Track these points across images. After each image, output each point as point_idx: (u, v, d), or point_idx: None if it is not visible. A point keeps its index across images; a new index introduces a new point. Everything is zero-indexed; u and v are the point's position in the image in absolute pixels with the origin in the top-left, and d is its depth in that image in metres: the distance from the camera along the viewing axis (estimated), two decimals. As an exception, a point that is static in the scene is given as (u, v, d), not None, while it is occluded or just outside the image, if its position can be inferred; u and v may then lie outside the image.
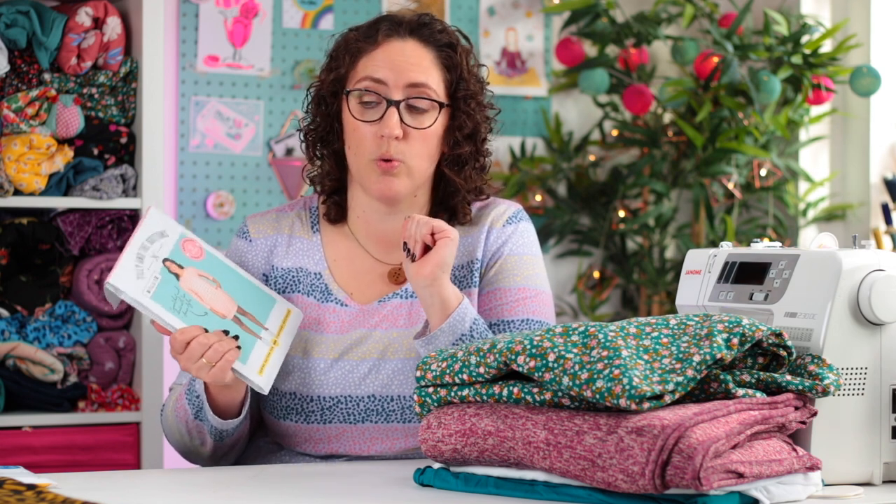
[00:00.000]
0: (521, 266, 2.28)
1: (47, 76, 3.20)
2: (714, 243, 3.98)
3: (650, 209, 4.11)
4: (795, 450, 1.70)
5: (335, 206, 2.30)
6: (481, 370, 1.78)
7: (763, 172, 4.10)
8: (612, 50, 4.19)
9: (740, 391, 1.70)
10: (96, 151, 3.23)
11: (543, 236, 4.17)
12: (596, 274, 4.20)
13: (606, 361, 1.67)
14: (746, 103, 3.96)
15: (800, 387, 1.73)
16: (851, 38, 4.01)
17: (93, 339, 3.24)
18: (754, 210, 4.24)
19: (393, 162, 2.18)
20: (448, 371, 1.81)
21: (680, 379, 1.66)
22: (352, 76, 2.23)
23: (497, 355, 1.76)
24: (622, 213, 4.15)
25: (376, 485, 1.89)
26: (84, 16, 3.18)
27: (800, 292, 1.84)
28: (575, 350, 1.71)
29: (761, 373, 1.73)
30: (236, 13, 3.87)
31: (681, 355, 1.69)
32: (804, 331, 1.81)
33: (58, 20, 3.17)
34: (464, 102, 2.23)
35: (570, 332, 1.74)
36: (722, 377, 1.70)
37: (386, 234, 2.27)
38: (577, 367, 1.68)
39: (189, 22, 3.82)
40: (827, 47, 4.08)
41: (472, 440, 1.77)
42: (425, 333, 2.12)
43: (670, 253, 4.25)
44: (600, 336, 1.71)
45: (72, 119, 3.17)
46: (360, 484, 1.90)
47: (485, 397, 1.79)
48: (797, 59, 3.97)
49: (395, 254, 2.26)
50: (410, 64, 2.20)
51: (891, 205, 4.06)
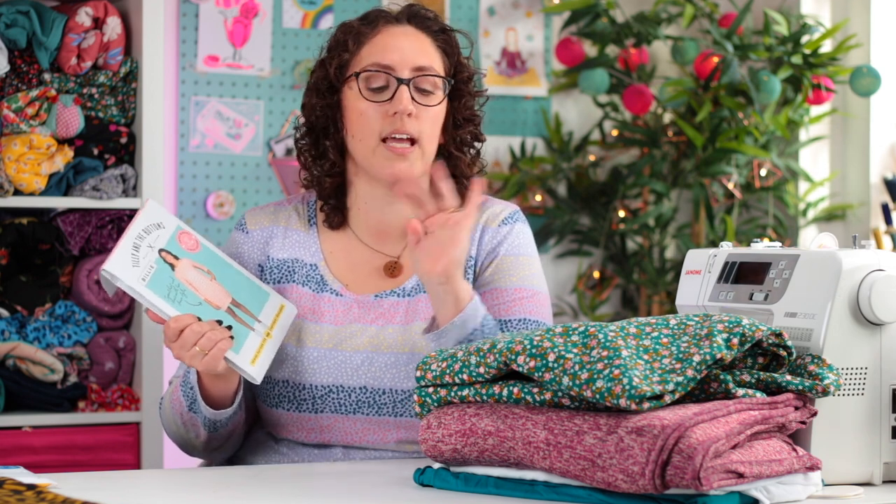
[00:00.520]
0: (518, 266, 2.29)
1: (47, 76, 3.20)
2: (714, 243, 3.98)
3: (650, 209, 4.11)
4: (795, 450, 1.70)
5: (334, 212, 2.30)
6: (481, 370, 1.78)
7: (763, 172, 4.10)
8: (612, 50, 4.20)
9: (740, 391, 1.70)
10: (96, 151, 3.23)
11: (543, 236, 4.17)
12: (596, 274, 4.21)
13: (606, 361, 1.67)
14: (746, 103, 3.96)
15: (800, 387, 1.73)
16: (851, 38, 4.01)
17: (93, 339, 3.24)
18: (754, 210, 4.24)
19: (404, 142, 2.19)
20: (448, 371, 1.81)
21: (680, 379, 1.66)
22: (355, 63, 2.25)
23: (497, 355, 1.76)
24: (622, 213, 4.15)
25: (376, 485, 1.89)
26: (84, 16, 3.18)
27: (800, 292, 1.84)
28: (575, 350, 1.71)
29: (761, 373, 1.73)
30: (236, 13, 3.87)
31: (681, 355, 1.69)
32: (804, 331, 1.81)
33: (58, 20, 3.17)
34: (464, 84, 2.27)
35: (570, 332, 1.74)
36: (722, 377, 1.70)
37: (385, 225, 2.28)
38: (577, 367, 1.68)
39: (189, 22, 3.82)
40: (827, 47, 4.08)
41: (472, 440, 1.77)
42: (433, 328, 2.12)
43: (670, 253, 4.25)
44: (600, 336, 1.71)
45: (72, 119, 3.17)
46: (360, 484, 1.90)
47: (485, 397, 1.79)
48: (797, 59, 3.97)
49: (391, 245, 2.29)
50: (414, 48, 2.24)
51: (891, 205, 4.06)
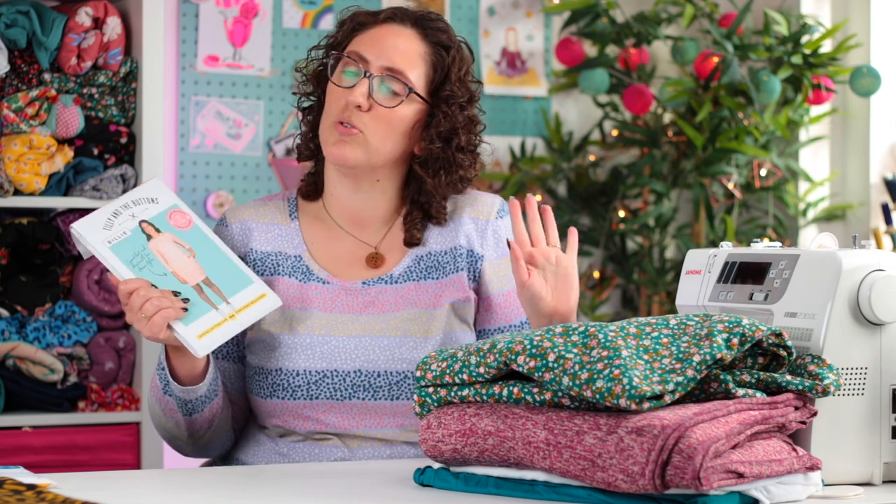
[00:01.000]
0: None
1: (47, 76, 3.20)
2: (714, 243, 3.98)
3: (650, 209, 4.11)
4: (795, 450, 1.70)
5: (311, 183, 2.35)
6: (481, 370, 1.78)
7: (763, 172, 4.10)
8: (612, 50, 4.19)
9: (740, 391, 1.70)
10: (96, 151, 3.23)
11: (543, 236, 4.17)
12: (596, 274, 4.21)
13: (606, 361, 1.67)
14: (746, 103, 3.96)
15: (800, 387, 1.73)
16: (851, 38, 4.01)
17: (93, 339, 3.24)
18: (754, 210, 4.24)
19: (351, 129, 2.22)
20: (448, 371, 1.81)
21: (680, 379, 1.66)
22: (347, 46, 2.29)
23: (497, 355, 1.76)
24: (622, 213, 4.15)
25: (376, 485, 1.89)
26: (84, 16, 3.18)
27: (800, 292, 1.84)
28: (575, 350, 1.71)
29: (761, 373, 1.73)
30: (236, 13, 3.87)
31: (681, 355, 1.69)
32: (804, 331, 1.81)
33: (58, 20, 3.17)
34: (444, 103, 2.26)
35: (570, 332, 1.74)
36: (722, 377, 1.70)
37: (358, 213, 2.32)
38: (577, 367, 1.68)
39: (189, 22, 3.82)
40: (827, 47, 4.08)
41: (472, 440, 1.77)
42: None
43: (670, 253, 4.25)
44: (600, 336, 1.72)
45: (72, 119, 3.17)
46: (360, 484, 1.90)
47: (485, 397, 1.79)
48: (797, 59, 3.97)
49: (370, 233, 2.32)
50: (396, 49, 2.25)
51: (891, 205, 4.06)
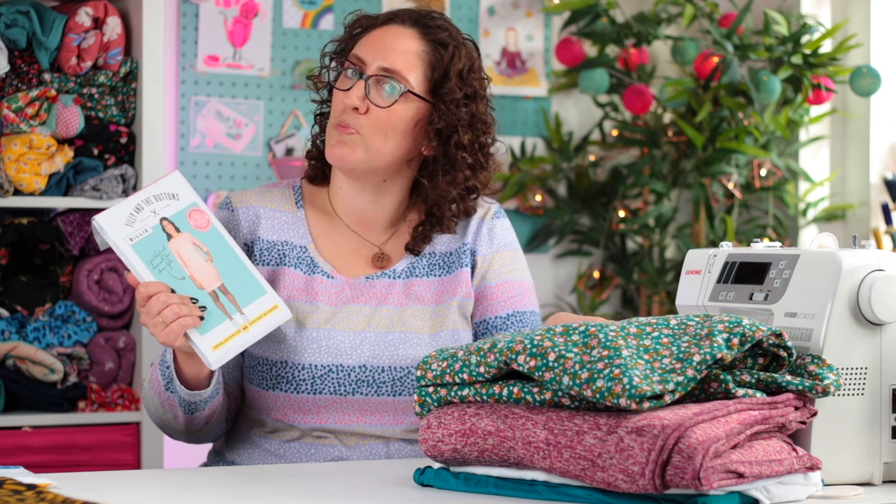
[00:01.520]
0: (518, 260, 2.39)
1: (47, 76, 3.20)
2: (714, 243, 3.98)
3: (650, 209, 4.11)
4: (795, 450, 1.70)
5: (319, 168, 2.36)
6: (481, 370, 1.78)
7: (763, 172, 4.10)
8: (612, 50, 4.19)
9: (740, 391, 1.70)
10: (96, 151, 3.23)
11: (543, 236, 4.18)
12: (596, 274, 4.20)
13: (607, 361, 1.67)
14: (746, 103, 3.96)
15: (800, 387, 1.73)
16: (851, 38, 4.01)
17: (93, 339, 3.24)
18: (754, 210, 4.24)
19: (349, 128, 2.23)
20: (448, 371, 1.81)
21: (680, 379, 1.66)
22: (349, 51, 2.31)
23: (497, 354, 1.76)
24: (622, 213, 4.15)
25: (376, 485, 1.89)
26: (84, 16, 3.18)
27: (800, 292, 1.84)
28: (575, 350, 1.71)
29: (761, 373, 1.73)
30: (236, 13, 3.87)
31: (681, 355, 1.69)
32: (804, 331, 1.81)
33: (58, 20, 3.17)
34: (442, 101, 2.26)
35: (571, 332, 1.74)
36: (722, 377, 1.70)
37: (364, 213, 2.33)
38: (578, 367, 1.68)
39: (189, 22, 3.82)
40: (827, 47, 4.08)
41: (472, 440, 1.77)
42: None
43: (670, 253, 4.25)
44: (601, 336, 1.72)
45: (72, 119, 3.17)
46: (360, 484, 1.90)
47: (485, 397, 1.79)
48: (797, 59, 3.97)
49: (375, 234, 2.33)
50: (394, 50, 2.26)
51: (891, 205, 4.06)
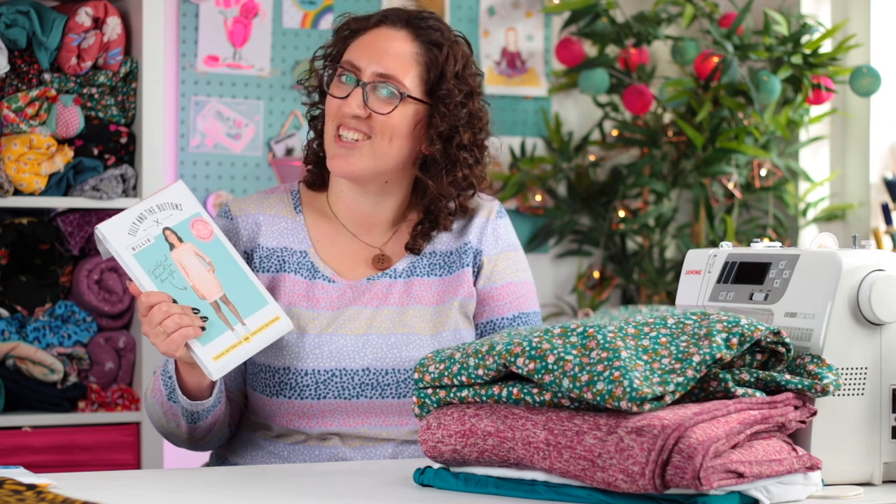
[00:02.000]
0: (521, 260, 2.40)
1: (47, 76, 3.20)
2: (714, 243, 3.98)
3: (650, 209, 4.11)
4: (795, 450, 1.70)
5: (317, 174, 2.36)
6: (480, 372, 1.78)
7: (763, 172, 4.10)
8: (612, 50, 4.19)
9: (740, 390, 1.70)
10: (96, 151, 3.23)
11: (543, 236, 4.18)
12: (596, 274, 4.20)
13: (606, 363, 1.67)
14: (746, 103, 3.96)
15: (799, 386, 1.73)
16: (851, 38, 4.01)
17: (93, 339, 3.24)
18: (754, 210, 4.24)
19: (356, 133, 2.23)
20: (447, 373, 1.81)
21: (680, 379, 1.66)
22: (343, 55, 2.30)
23: (496, 357, 1.76)
24: (622, 213, 4.15)
25: (376, 485, 1.89)
26: (84, 16, 3.18)
27: (800, 292, 1.84)
28: (574, 352, 1.71)
29: (760, 371, 1.73)
30: (236, 13, 3.87)
31: (680, 355, 1.69)
32: (804, 331, 1.81)
33: (58, 20, 3.17)
34: (442, 102, 2.26)
35: (569, 333, 1.74)
36: (721, 376, 1.70)
37: (365, 216, 2.33)
38: (577, 369, 1.68)
39: (189, 22, 3.82)
40: (827, 47, 4.08)
41: (472, 441, 1.77)
42: None
43: (670, 253, 4.25)
44: (599, 337, 1.71)
45: (72, 119, 3.17)
46: (360, 484, 1.90)
47: (484, 398, 1.79)
48: (797, 59, 3.97)
49: (376, 235, 2.33)
50: (388, 54, 2.25)
51: (891, 205, 4.06)
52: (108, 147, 3.24)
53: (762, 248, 1.94)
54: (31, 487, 1.64)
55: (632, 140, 4.15)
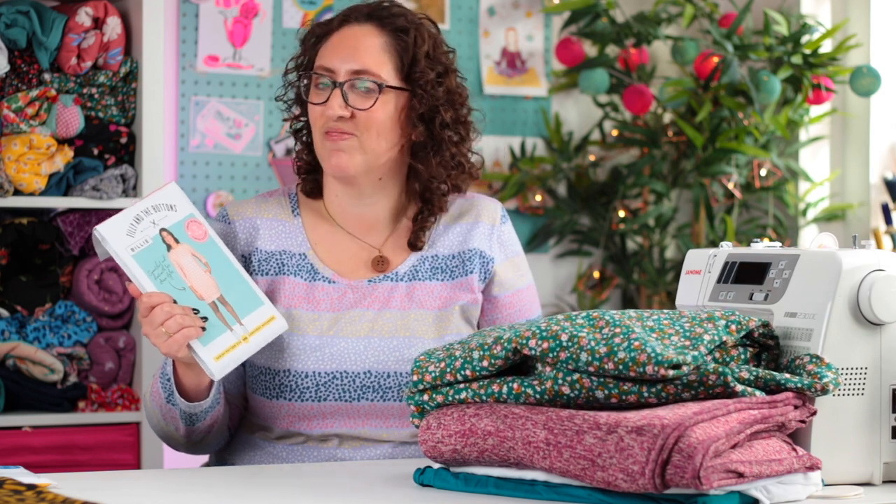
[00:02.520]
0: (524, 263, 2.42)
1: (47, 76, 3.20)
2: (714, 243, 3.98)
3: (650, 209, 4.11)
4: (795, 449, 1.70)
5: (312, 181, 2.36)
6: (485, 364, 1.78)
7: (763, 172, 4.10)
8: (612, 50, 4.19)
9: (739, 386, 1.70)
10: (96, 151, 3.23)
11: (543, 236, 4.18)
12: (596, 274, 4.21)
13: (623, 336, 1.70)
14: (746, 103, 3.96)
15: (799, 385, 1.73)
16: (851, 38, 4.01)
17: (93, 339, 3.24)
18: (754, 210, 4.24)
19: (343, 134, 2.24)
20: (448, 370, 1.81)
21: (695, 353, 1.70)
22: (314, 63, 2.31)
23: (506, 344, 1.77)
24: (622, 213, 4.15)
25: (376, 485, 1.89)
26: (84, 16, 3.18)
27: (800, 292, 1.84)
28: (585, 330, 1.74)
29: (759, 370, 1.74)
30: (236, 13, 3.87)
31: (688, 334, 1.74)
32: (804, 331, 1.81)
33: (58, 20, 3.17)
34: (417, 86, 2.27)
35: (574, 318, 1.78)
36: (721, 370, 1.71)
37: (361, 217, 2.33)
38: (593, 343, 1.71)
39: (189, 22, 3.82)
40: (827, 47, 4.08)
41: (472, 440, 1.77)
42: None
43: (670, 253, 4.25)
44: (606, 318, 1.76)
45: (72, 119, 3.17)
46: (360, 484, 1.90)
47: (484, 397, 1.79)
48: (797, 59, 3.97)
49: (375, 235, 2.33)
50: (357, 50, 2.26)
51: (891, 205, 4.06)
52: (108, 147, 3.24)
53: (762, 248, 1.95)
54: (31, 487, 1.64)
55: (632, 140, 4.15)
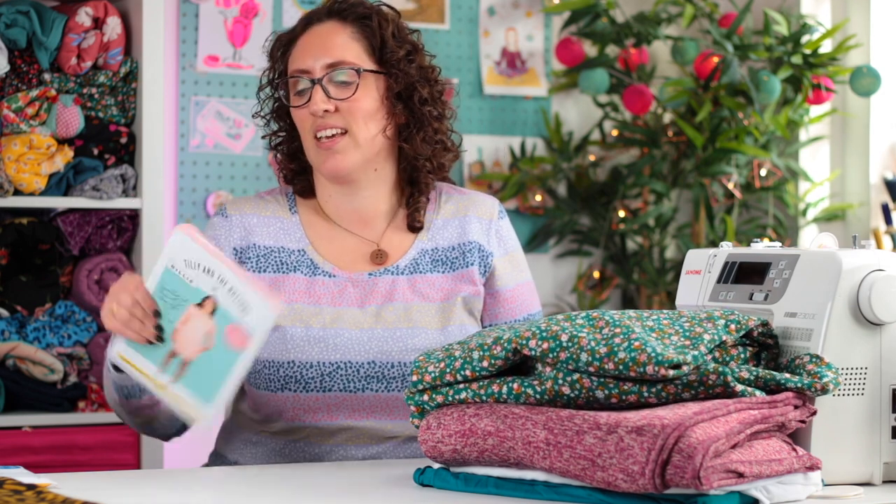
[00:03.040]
0: (523, 260, 2.43)
1: (47, 76, 3.20)
2: (714, 243, 3.98)
3: (650, 209, 4.11)
4: (795, 449, 1.70)
5: (303, 181, 2.37)
6: (485, 364, 1.78)
7: (763, 172, 4.10)
8: (612, 50, 4.19)
9: (739, 386, 1.70)
10: (96, 151, 3.23)
11: (543, 236, 4.18)
12: (596, 274, 4.21)
13: (623, 336, 1.70)
14: (746, 103, 3.96)
15: (798, 385, 1.73)
16: (851, 38, 4.01)
17: (93, 339, 3.24)
18: (754, 210, 4.24)
19: (334, 138, 2.25)
20: (448, 370, 1.81)
21: (695, 353, 1.70)
22: (285, 70, 2.33)
23: (506, 344, 1.77)
24: (622, 213, 4.15)
25: (376, 485, 1.89)
26: (84, 16, 3.18)
27: (800, 292, 1.84)
28: (585, 330, 1.74)
29: (759, 370, 1.74)
30: (236, 13, 3.87)
31: (688, 334, 1.74)
32: (804, 331, 1.81)
33: (58, 20, 3.17)
34: (392, 66, 2.29)
35: (574, 318, 1.78)
36: (721, 370, 1.71)
37: (357, 212, 2.34)
38: (593, 343, 1.71)
39: (189, 22, 3.82)
40: (827, 47, 4.08)
41: (472, 440, 1.77)
42: None
43: (670, 253, 4.25)
44: (606, 318, 1.76)
45: (72, 119, 3.17)
46: (360, 484, 1.90)
47: (484, 397, 1.79)
48: (797, 59, 3.97)
49: (372, 229, 2.34)
50: (327, 45, 2.28)
51: (891, 205, 4.06)
52: (108, 147, 3.24)
53: (762, 248, 1.95)
54: (31, 487, 1.64)
55: (632, 140, 4.15)
